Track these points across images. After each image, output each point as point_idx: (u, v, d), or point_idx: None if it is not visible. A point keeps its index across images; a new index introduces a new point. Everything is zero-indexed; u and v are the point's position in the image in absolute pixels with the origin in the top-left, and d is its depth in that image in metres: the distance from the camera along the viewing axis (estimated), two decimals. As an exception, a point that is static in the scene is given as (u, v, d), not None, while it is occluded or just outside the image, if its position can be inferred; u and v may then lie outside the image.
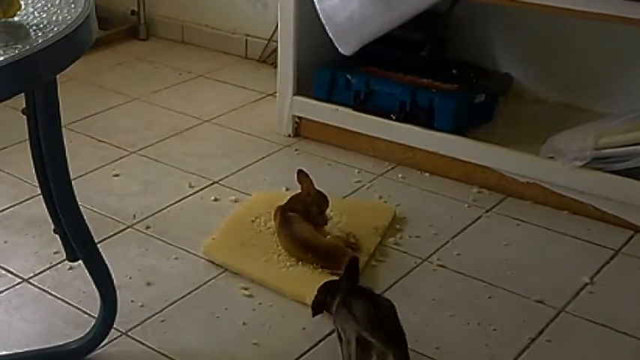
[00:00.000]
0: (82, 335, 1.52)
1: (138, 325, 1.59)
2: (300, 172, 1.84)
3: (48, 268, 1.77)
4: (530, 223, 1.96)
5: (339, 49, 2.19)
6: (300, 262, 1.73)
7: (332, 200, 1.87)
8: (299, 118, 2.38)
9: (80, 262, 1.48)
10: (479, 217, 1.99)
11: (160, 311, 1.63)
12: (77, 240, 1.43)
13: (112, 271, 1.49)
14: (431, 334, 1.57)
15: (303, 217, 1.78)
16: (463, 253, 1.83)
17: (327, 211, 1.85)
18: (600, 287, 1.73)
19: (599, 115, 2.16)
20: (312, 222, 1.79)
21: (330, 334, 1.54)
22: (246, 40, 3.01)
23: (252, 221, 1.86)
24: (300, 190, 1.84)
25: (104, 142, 2.37)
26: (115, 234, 1.90)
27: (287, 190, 2.09)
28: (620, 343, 1.57)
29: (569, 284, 1.73)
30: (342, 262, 1.66)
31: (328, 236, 1.79)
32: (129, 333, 1.57)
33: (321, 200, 1.83)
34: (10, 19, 1.13)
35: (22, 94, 1.32)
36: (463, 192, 2.09)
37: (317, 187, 1.85)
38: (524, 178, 2.05)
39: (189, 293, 1.69)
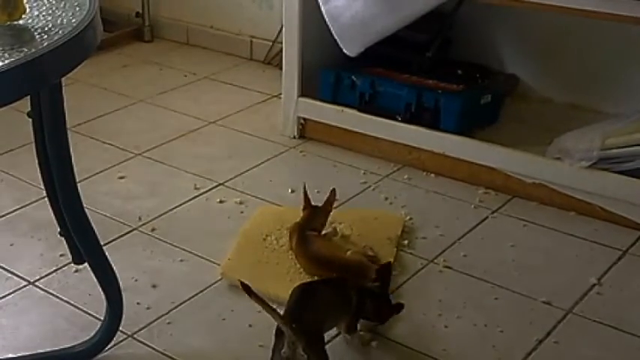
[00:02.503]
0: (88, 338, 1.52)
1: (144, 327, 1.59)
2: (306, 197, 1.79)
3: (54, 271, 1.77)
4: (537, 224, 1.96)
5: (344, 50, 2.19)
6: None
7: (339, 211, 1.85)
8: (304, 119, 2.38)
9: (86, 264, 1.48)
10: (485, 218, 1.98)
11: (166, 313, 1.63)
12: (83, 242, 1.43)
13: (117, 274, 1.49)
14: (438, 336, 1.57)
15: (320, 234, 1.75)
16: (469, 255, 1.83)
17: (339, 226, 1.85)
18: (608, 288, 1.72)
19: (606, 115, 2.15)
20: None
21: (336, 336, 1.53)
22: (251, 41, 3.02)
23: (264, 239, 1.82)
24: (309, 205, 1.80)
25: (109, 144, 2.38)
26: (120, 236, 1.90)
27: (292, 192, 2.09)
28: (628, 344, 1.56)
29: (577, 285, 1.72)
30: (366, 277, 1.65)
31: (348, 252, 1.74)
32: (135, 335, 1.57)
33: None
34: (15, 22, 1.14)
35: (28, 96, 1.32)
36: (469, 193, 2.09)
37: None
38: (531, 179, 2.04)
39: (195, 295, 1.69)
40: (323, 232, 1.81)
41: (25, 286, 1.73)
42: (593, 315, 1.63)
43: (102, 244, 1.47)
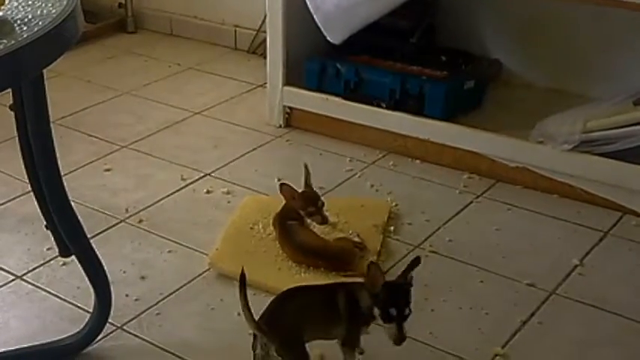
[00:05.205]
0: (77, 330, 1.53)
1: (133, 318, 1.60)
2: (281, 185, 1.77)
3: (41, 265, 1.77)
4: (521, 208, 1.98)
5: (328, 38, 2.19)
6: (311, 267, 1.70)
7: (325, 199, 1.83)
8: (290, 108, 2.38)
9: (73, 257, 1.49)
10: (470, 203, 2.00)
11: (155, 304, 1.64)
12: (70, 236, 1.43)
13: (105, 266, 1.49)
14: (424, 320, 1.58)
15: (302, 222, 1.74)
16: (455, 239, 1.85)
17: (325, 214, 1.80)
18: (590, 269, 1.75)
19: (587, 99, 2.17)
20: (312, 221, 1.74)
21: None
22: (235, 31, 3.01)
23: (251, 228, 1.83)
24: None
25: (95, 136, 2.37)
26: (107, 229, 1.90)
27: (279, 180, 2.09)
28: (610, 322, 1.59)
29: (560, 266, 1.75)
30: (352, 263, 1.66)
31: (333, 238, 1.75)
32: (124, 327, 1.58)
33: (309, 199, 1.76)
34: (-5, 15, 1.13)
35: (9, 89, 1.31)
36: (454, 178, 2.10)
37: (300, 189, 1.78)
38: (514, 163, 2.06)
39: (183, 286, 1.70)
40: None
41: (12, 280, 1.73)
42: (576, 295, 1.66)
43: (89, 236, 1.48)
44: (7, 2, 1.15)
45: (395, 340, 1.29)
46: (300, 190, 1.78)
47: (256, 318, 1.32)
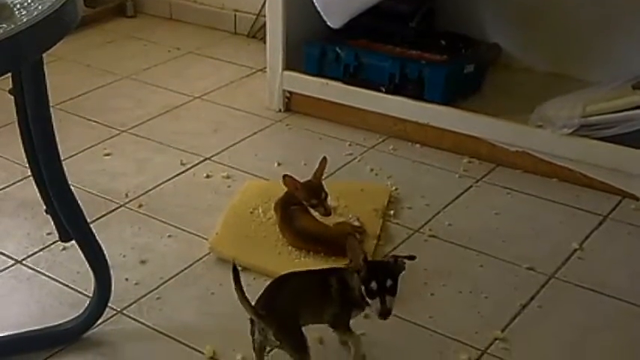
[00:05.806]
0: (77, 315, 1.53)
1: (133, 303, 1.60)
2: (284, 176, 1.75)
3: (41, 249, 1.77)
4: (520, 192, 1.98)
5: (328, 22, 2.18)
6: (311, 252, 1.70)
7: (325, 183, 1.81)
8: (289, 92, 2.38)
9: (73, 242, 1.49)
10: (469, 187, 2.01)
11: (155, 289, 1.64)
12: (69, 220, 1.43)
13: (105, 251, 1.49)
14: (424, 304, 1.59)
15: (304, 207, 1.73)
16: (454, 223, 1.85)
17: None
18: (589, 253, 1.75)
19: (587, 83, 2.16)
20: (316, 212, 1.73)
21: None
22: (235, 15, 2.99)
23: (251, 213, 1.83)
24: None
25: (94, 121, 2.36)
26: (107, 213, 1.91)
27: (279, 165, 2.10)
28: (609, 306, 1.60)
29: (559, 250, 1.75)
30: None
31: (333, 223, 1.74)
32: (124, 311, 1.58)
33: (312, 190, 1.74)
34: (-7, -1, 1.12)
35: (9, 73, 1.31)
36: (454, 162, 2.10)
37: (300, 175, 1.76)
38: (514, 147, 2.06)
39: (183, 270, 1.70)
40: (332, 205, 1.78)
41: (12, 265, 1.73)
42: (576, 279, 1.66)
43: (89, 221, 1.48)
44: (4, -14, 1.14)
45: (378, 314, 1.30)
46: (302, 181, 1.76)
47: (253, 304, 1.33)
